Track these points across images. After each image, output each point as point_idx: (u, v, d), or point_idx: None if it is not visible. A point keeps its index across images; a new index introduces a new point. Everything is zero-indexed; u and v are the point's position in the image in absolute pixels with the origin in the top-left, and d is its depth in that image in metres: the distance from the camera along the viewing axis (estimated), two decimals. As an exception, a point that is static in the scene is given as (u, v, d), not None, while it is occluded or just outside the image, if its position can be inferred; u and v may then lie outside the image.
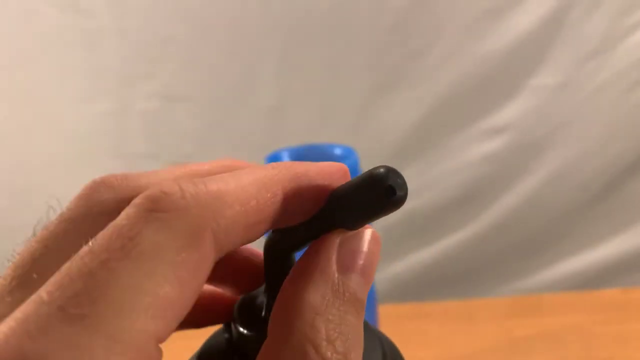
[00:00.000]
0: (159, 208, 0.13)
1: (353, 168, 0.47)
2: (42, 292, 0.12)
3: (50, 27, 0.91)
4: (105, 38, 0.92)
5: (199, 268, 0.13)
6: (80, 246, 0.13)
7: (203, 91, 0.95)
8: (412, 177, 0.98)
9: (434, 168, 0.98)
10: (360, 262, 0.15)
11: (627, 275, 0.99)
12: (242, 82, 0.94)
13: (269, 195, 0.15)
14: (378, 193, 0.15)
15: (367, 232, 0.16)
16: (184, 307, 0.13)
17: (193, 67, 0.94)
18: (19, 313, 0.12)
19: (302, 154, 0.48)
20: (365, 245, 0.16)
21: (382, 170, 0.15)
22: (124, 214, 0.13)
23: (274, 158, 0.47)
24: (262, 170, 0.15)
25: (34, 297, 0.12)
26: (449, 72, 0.94)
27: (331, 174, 0.16)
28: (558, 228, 1.00)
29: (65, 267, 0.13)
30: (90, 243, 0.13)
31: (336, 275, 0.15)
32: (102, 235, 0.13)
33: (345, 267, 0.15)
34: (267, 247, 0.19)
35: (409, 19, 0.91)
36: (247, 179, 0.15)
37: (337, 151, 0.48)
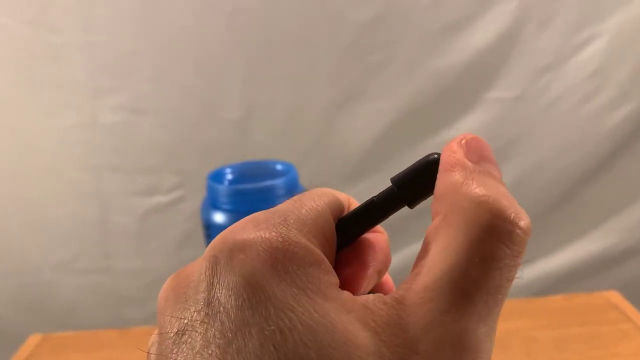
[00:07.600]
0: None
1: (293, 182, 0.49)
2: None
3: (17, 41, 0.92)
4: (72, 52, 0.93)
5: None
6: None
7: (169, 104, 0.96)
8: (374, 189, 0.99)
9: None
10: (482, 152, 0.19)
11: (580, 281, 1.03)
12: (208, 96, 0.96)
13: None
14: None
15: (475, 136, 0.20)
16: None
17: (159, 81, 0.95)
18: None
19: (246, 170, 0.50)
20: (480, 142, 0.20)
21: (436, 156, 0.20)
22: None
23: (218, 174, 0.49)
24: None
25: None
26: (408, 86, 0.97)
27: None
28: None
29: None
30: None
31: (470, 164, 0.19)
32: None
33: (474, 159, 0.19)
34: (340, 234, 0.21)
35: (369, 34, 0.94)
36: None
37: (279, 167, 0.50)
